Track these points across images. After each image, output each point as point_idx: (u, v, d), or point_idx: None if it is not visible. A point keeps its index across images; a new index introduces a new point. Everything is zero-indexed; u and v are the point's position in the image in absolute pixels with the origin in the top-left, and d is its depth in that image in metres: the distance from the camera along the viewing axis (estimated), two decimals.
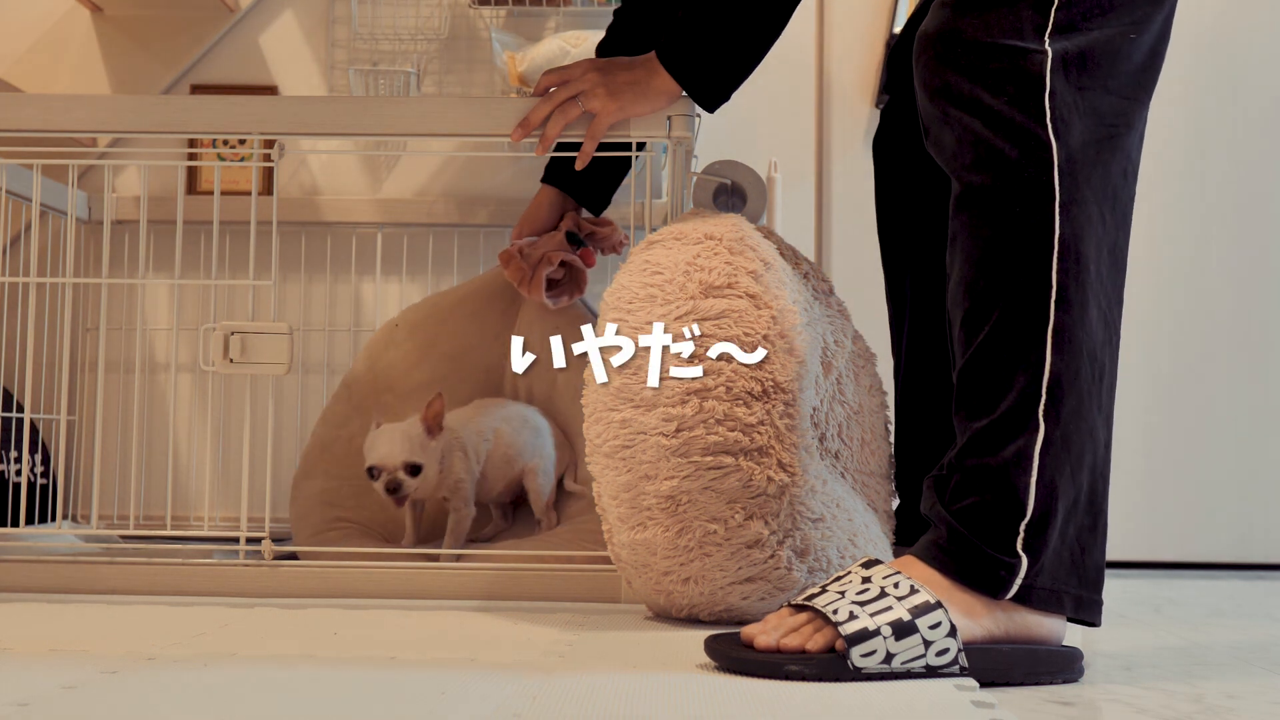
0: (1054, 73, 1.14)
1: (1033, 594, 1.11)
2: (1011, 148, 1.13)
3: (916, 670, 1.06)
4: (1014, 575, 1.10)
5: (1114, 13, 1.16)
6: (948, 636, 1.07)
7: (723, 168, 1.72)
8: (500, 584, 1.55)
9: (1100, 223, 1.14)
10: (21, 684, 1.00)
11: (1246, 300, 2.24)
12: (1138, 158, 1.20)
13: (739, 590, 1.35)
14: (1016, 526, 1.10)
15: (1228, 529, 2.22)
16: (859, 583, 1.11)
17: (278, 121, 1.63)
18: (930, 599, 1.08)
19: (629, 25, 1.82)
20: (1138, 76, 1.18)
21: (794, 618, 1.11)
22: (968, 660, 1.07)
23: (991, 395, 1.13)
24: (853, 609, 1.08)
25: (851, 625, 1.06)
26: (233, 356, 1.59)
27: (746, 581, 1.35)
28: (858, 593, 1.10)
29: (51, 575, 1.57)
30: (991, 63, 1.14)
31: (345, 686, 1.02)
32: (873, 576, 1.11)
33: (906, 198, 1.60)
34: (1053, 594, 1.12)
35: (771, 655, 1.08)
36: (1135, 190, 1.20)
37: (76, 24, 2.34)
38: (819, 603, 1.10)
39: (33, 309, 1.95)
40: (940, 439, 1.36)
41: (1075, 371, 1.12)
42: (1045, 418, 1.11)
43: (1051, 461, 1.11)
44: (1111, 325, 1.16)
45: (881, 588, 1.09)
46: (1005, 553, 1.10)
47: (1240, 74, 2.24)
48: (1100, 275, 1.14)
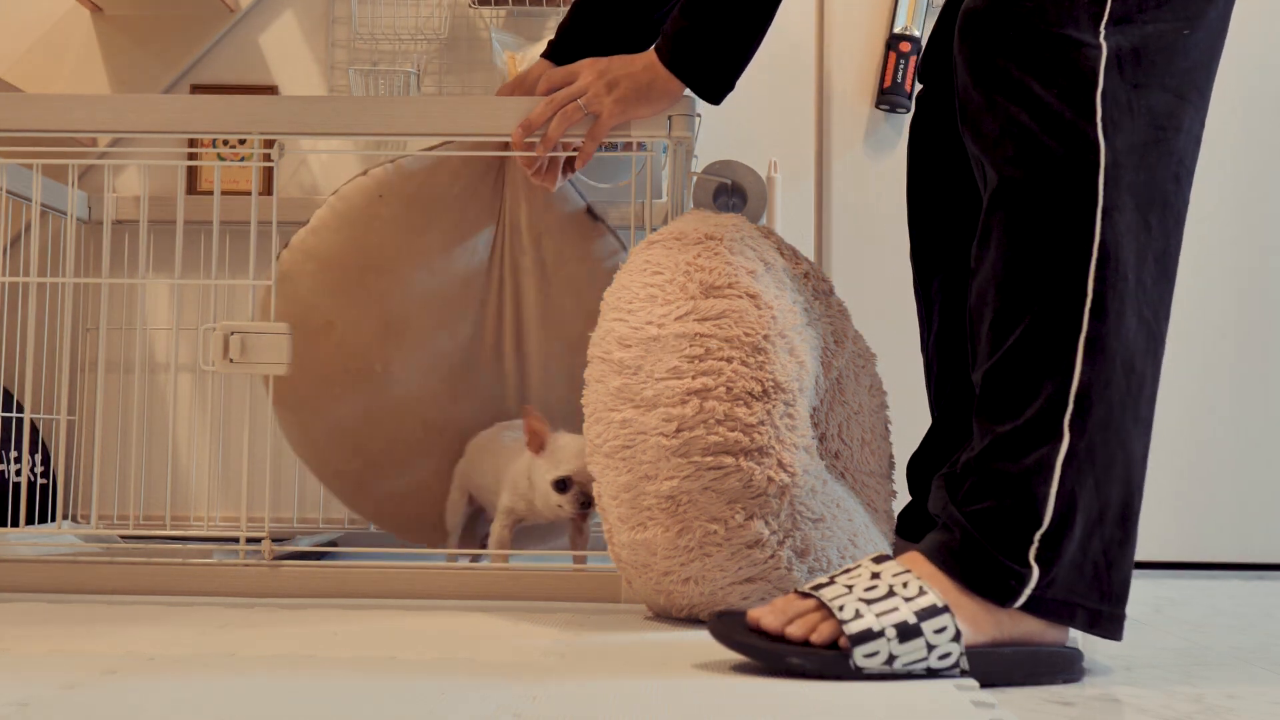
0: (1108, 70, 1.10)
1: (1042, 605, 1.09)
2: (1058, 145, 1.10)
3: (917, 672, 1.06)
4: (1024, 585, 1.08)
5: (1169, 5, 1.13)
6: (951, 641, 1.06)
7: (723, 168, 1.72)
8: (500, 584, 1.55)
9: (1144, 229, 1.11)
10: (21, 684, 1.00)
11: (1247, 299, 2.24)
12: (1192, 162, 1.16)
13: (739, 590, 1.35)
14: (1031, 535, 1.08)
15: (1228, 529, 2.22)
16: (867, 578, 1.10)
17: (278, 121, 1.63)
18: (938, 602, 1.07)
19: (589, 16, 1.73)
20: (1193, 75, 1.15)
21: (801, 603, 1.11)
22: (969, 663, 1.07)
23: (1017, 401, 1.10)
24: (859, 606, 1.07)
25: (856, 624, 1.06)
26: (233, 356, 1.59)
27: (747, 582, 1.34)
28: (865, 589, 1.09)
29: (51, 575, 1.57)
30: (1045, 51, 1.11)
31: (345, 686, 1.02)
32: (882, 573, 1.10)
33: (941, 194, 1.52)
34: (1065, 606, 1.10)
35: (775, 645, 1.08)
36: (1189, 195, 1.16)
37: (76, 24, 2.34)
38: (825, 594, 1.09)
39: (33, 309, 1.95)
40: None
41: (1107, 382, 1.09)
42: (1071, 428, 1.08)
43: (1074, 473, 1.08)
44: (1155, 335, 1.13)
45: (890, 586, 1.09)
46: (1017, 561, 1.09)
47: (1243, 74, 2.24)
48: (1142, 283, 1.11)
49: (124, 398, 2.24)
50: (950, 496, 1.14)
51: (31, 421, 2.03)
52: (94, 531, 1.98)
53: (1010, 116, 1.12)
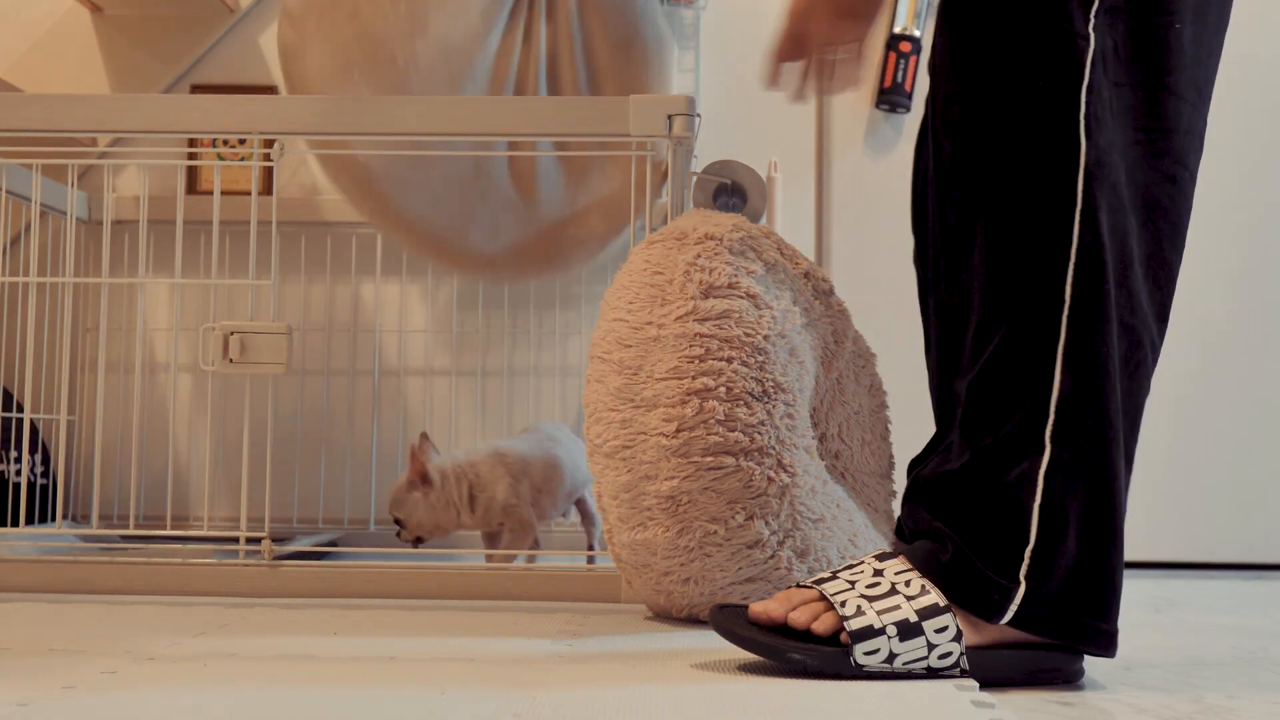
0: (1094, 64, 1.05)
1: (1031, 620, 1.07)
2: (1037, 142, 1.06)
3: (918, 672, 1.06)
4: (1009, 600, 1.06)
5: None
6: (952, 641, 1.06)
7: (723, 168, 1.72)
8: (500, 584, 1.55)
9: (1130, 232, 1.07)
10: (21, 684, 1.00)
11: (1247, 299, 2.24)
12: (1193, 162, 1.10)
13: (739, 590, 1.35)
14: (1019, 552, 1.06)
15: (1228, 529, 2.22)
16: (870, 575, 1.10)
17: (278, 121, 1.63)
18: (939, 602, 1.07)
19: None
20: (1188, 71, 1.08)
21: (805, 593, 1.10)
22: (969, 663, 1.07)
23: (998, 414, 1.07)
24: (860, 603, 1.06)
25: (857, 621, 1.05)
26: (232, 356, 1.59)
27: (747, 582, 1.35)
28: (868, 585, 1.08)
29: (51, 575, 1.57)
30: (1029, 39, 1.06)
31: (345, 686, 1.02)
32: (885, 570, 1.10)
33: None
34: (1053, 621, 1.07)
35: (777, 639, 1.07)
36: (1190, 195, 1.11)
37: (76, 24, 2.34)
38: (828, 589, 1.09)
39: (33, 309, 1.95)
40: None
41: (1089, 392, 1.05)
42: (1053, 440, 1.05)
43: (1060, 485, 1.05)
44: (1141, 341, 1.08)
45: (892, 584, 1.08)
46: (1005, 577, 1.06)
47: (1244, 74, 2.24)
48: (1127, 288, 1.06)
49: (124, 398, 2.24)
50: (936, 510, 1.11)
51: (31, 421, 2.03)
52: (94, 531, 1.98)
53: (986, 107, 1.08)
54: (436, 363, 2.36)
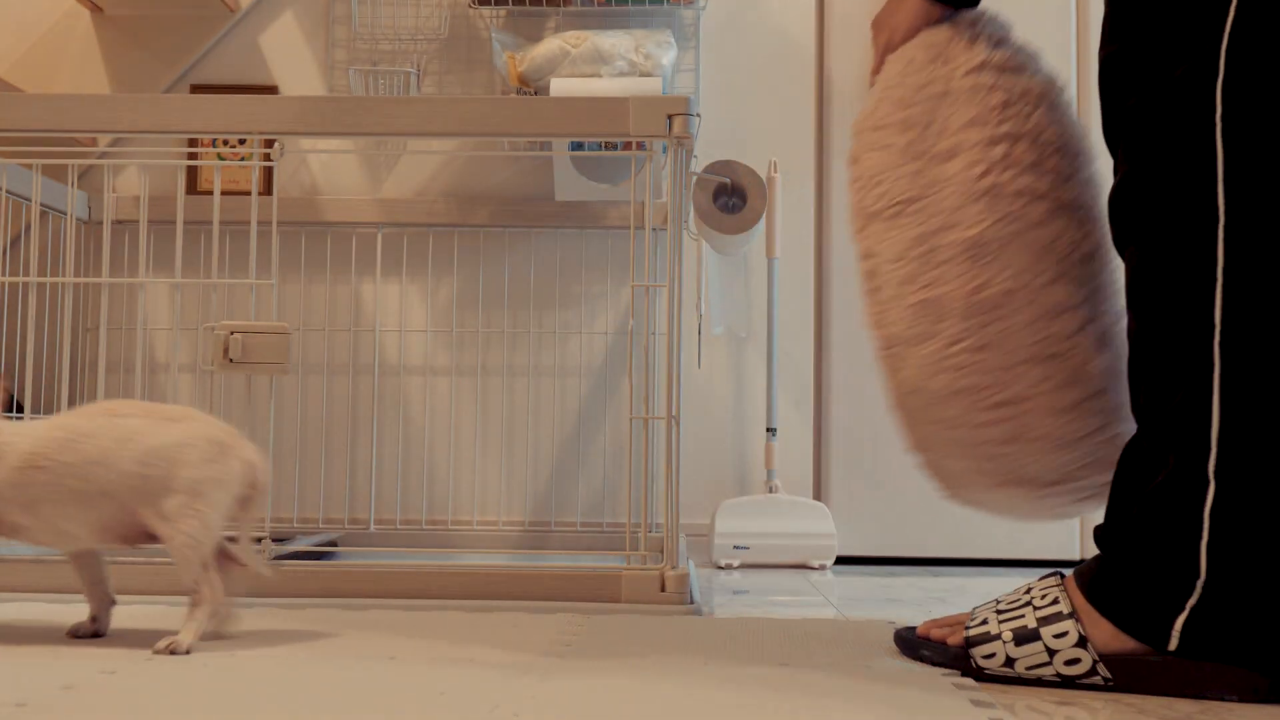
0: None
1: (1195, 647, 1.04)
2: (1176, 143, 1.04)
3: (1048, 678, 1.07)
4: (1171, 630, 1.04)
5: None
6: (1075, 647, 1.06)
7: (723, 168, 1.73)
8: (500, 584, 1.55)
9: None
10: (21, 684, 1.00)
11: None
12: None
13: (1030, 375, 1.18)
14: (1192, 585, 1.03)
15: None
16: (1021, 593, 1.14)
17: (278, 121, 1.64)
18: (1064, 609, 1.08)
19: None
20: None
21: (959, 616, 1.18)
22: (1109, 670, 1.06)
23: (1159, 455, 1.05)
24: (988, 615, 1.12)
25: (976, 629, 1.12)
26: (233, 356, 1.59)
27: (1045, 360, 1.18)
28: (1010, 601, 1.13)
29: (51, 575, 1.57)
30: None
31: (345, 686, 1.02)
32: (1034, 587, 1.13)
33: None
34: (1219, 647, 1.03)
35: (919, 639, 1.17)
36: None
37: (76, 24, 2.34)
38: (977, 611, 1.15)
39: (33, 309, 1.95)
40: None
41: (1253, 420, 1.01)
42: (1216, 476, 1.01)
43: (1225, 522, 1.01)
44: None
45: (1030, 598, 1.12)
46: (1170, 612, 1.04)
47: None
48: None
49: (124, 398, 2.24)
50: (1117, 528, 1.09)
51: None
52: None
53: (1130, 106, 1.07)
54: (436, 362, 2.36)
